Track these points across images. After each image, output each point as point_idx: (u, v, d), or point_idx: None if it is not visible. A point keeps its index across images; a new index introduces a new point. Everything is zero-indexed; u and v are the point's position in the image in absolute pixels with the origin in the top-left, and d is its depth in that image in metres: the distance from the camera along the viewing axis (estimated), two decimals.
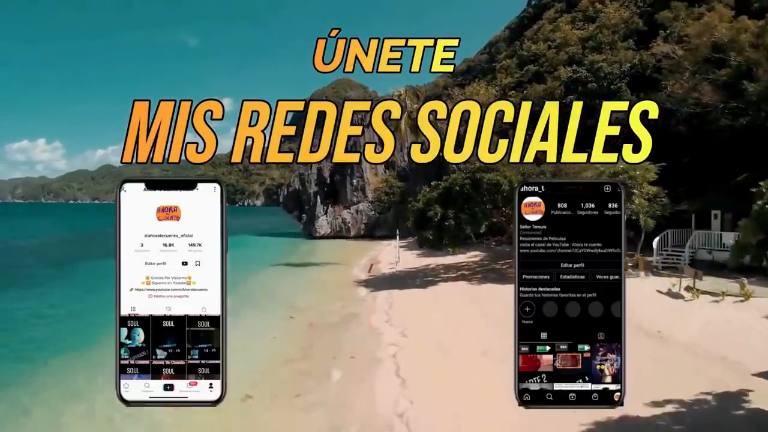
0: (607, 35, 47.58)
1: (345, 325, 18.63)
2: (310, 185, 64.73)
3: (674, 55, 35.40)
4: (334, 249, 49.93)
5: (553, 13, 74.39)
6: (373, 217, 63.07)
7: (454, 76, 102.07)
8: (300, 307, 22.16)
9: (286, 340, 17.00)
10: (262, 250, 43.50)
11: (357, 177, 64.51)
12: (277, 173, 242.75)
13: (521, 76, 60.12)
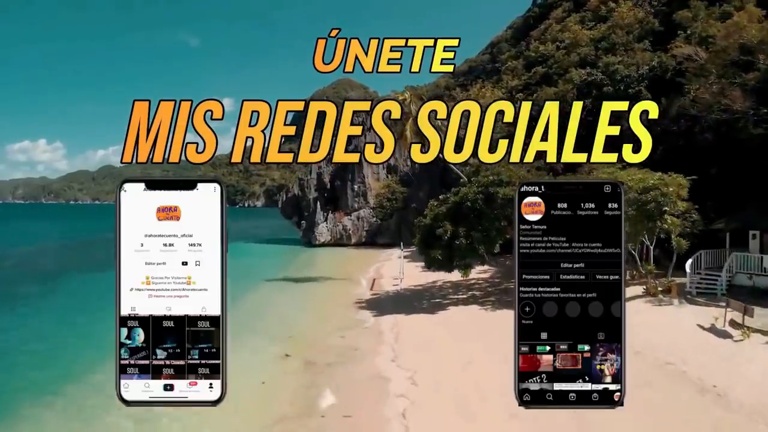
0: (621, 36, 45.31)
1: (346, 366, 16.44)
2: (310, 191, 62.54)
3: (697, 57, 33.21)
4: (335, 259, 47.80)
5: (561, 13, 72.14)
6: (375, 223, 60.89)
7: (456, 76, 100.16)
8: (297, 337, 20.02)
9: (277, 387, 14.84)
10: (260, 261, 41.31)
11: (358, 182, 62.34)
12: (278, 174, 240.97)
13: (529, 78, 57.90)
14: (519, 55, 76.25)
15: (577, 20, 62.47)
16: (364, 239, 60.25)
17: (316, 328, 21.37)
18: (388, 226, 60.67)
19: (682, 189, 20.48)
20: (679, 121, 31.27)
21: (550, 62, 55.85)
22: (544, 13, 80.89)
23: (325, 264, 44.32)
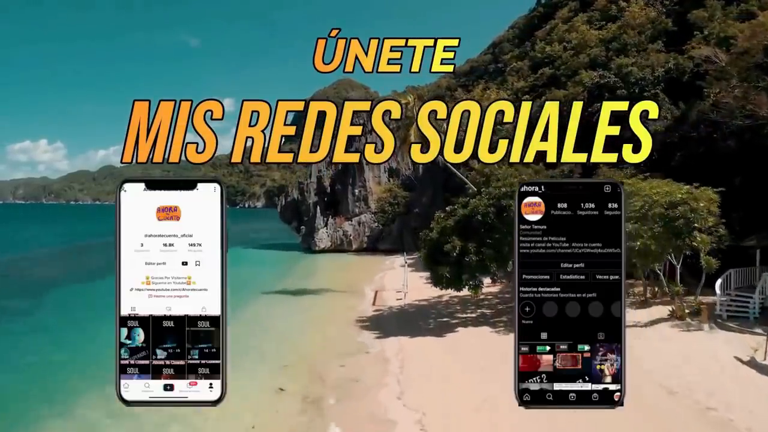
0: (632, 36, 43.64)
1: (346, 404, 14.80)
2: (309, 195, 60.88)
3: (716, 59, 31.52)
4: (335, 267, 46.16)
5: (567, 13, 70.39)
6: (376, 229, 59.23)
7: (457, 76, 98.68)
8: (292, 366, 18.37)
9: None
10: (258, 269, 39.60)
11: (359, 186, 60.67)
12: (278, 174, 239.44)
13: (535, 80, 56.26)
14: (524, 55, 74.59)
15: (584, 20, 60.79)
16: (366, 245, 58.59)
17: (314, 354, 19.72)
18: (390, 232, 59.03)
19: (712, 204, 18.79)
20: (699, 126, 29.60)
21: (558, 63, 54.22)
22: (549, 13, 79.13)
23: (325, 273, 42.68)
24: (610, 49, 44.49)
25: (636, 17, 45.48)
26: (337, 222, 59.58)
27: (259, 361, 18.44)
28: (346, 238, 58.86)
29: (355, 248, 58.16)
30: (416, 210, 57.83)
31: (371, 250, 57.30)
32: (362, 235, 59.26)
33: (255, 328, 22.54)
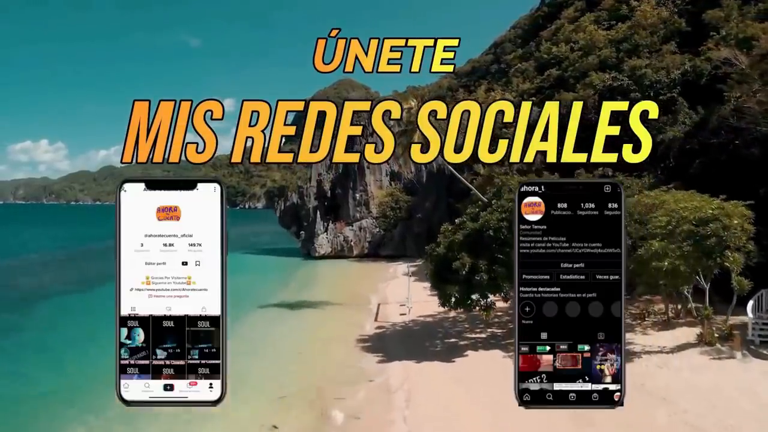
0: (644, 36, 42.08)
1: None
2: (309, 199, 59.39)
3: (737, 61, 29.98)
4: (335, 275, 44.70)
5: (573, 12, 68.87)
6: (378, 234, 57.72)
7: (459, 76, 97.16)
8: (289, 397, 16.88)
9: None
10: (256, 279, 38.08)
11: (360, 190, 59.18)
12: (279, 175, 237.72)
13: (542, 81, 54.74)
14: (528, 56, 73.06)
15: (591, 20, 59.28)
16: (367, 251, 57.08)
17: (314, 382, 18.19)
18: (392, 237, 57.52)
19: (745, 221, 17.26)
20: (720, 132, 28.07)
21: (565, 65, 52.70)
22: (554, 13, 77.52)
23: (326, 282, 41.19)
24: (620, 50, 42.95)
25: (647, 17, 43.93)
26: (337, 227, 58.10)
27: (253, 390, 16.93)
28: (346, 243, 57.37)
29: (356, 254, 56.69)
30: (419, 215, 56.33)
31: (372, 256, 55.81)
32: (363, 240, 57.76)
33: (249, 352, 21.03)
